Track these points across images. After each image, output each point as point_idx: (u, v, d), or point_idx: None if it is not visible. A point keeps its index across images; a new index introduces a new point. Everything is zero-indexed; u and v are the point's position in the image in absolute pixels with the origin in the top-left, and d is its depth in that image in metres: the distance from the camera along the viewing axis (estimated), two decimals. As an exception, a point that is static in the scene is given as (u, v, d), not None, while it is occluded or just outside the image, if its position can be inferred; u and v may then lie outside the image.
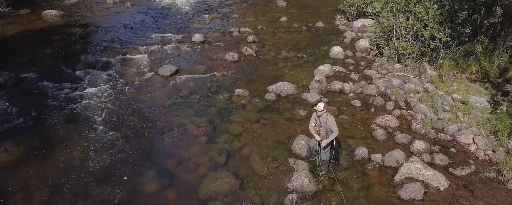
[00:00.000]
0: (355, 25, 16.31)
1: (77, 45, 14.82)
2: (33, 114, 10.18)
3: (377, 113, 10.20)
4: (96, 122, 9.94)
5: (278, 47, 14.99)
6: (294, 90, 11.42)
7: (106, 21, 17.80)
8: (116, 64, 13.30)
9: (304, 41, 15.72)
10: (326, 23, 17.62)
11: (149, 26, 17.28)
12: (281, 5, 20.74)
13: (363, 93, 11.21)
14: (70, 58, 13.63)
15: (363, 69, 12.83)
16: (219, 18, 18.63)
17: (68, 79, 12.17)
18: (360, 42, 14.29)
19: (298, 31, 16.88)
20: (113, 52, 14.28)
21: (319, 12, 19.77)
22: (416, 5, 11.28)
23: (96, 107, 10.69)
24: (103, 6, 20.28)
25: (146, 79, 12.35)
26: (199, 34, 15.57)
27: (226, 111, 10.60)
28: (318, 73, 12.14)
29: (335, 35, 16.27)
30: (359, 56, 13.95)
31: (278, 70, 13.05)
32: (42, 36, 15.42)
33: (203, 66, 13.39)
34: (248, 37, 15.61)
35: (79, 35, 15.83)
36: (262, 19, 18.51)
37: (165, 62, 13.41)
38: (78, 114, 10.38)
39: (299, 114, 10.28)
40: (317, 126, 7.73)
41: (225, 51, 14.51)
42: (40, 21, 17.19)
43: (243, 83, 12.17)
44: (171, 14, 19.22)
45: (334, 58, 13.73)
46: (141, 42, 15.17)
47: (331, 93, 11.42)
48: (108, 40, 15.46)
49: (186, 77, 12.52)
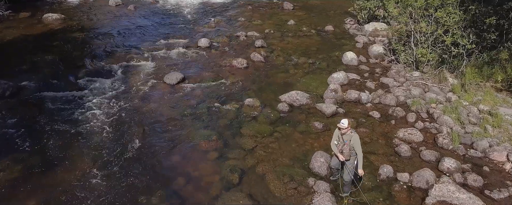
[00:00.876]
0: (366, 29, 15.56)
1: (79, 51, 14.06)
2: (32, 128, 9.43)
3: (398, 125, 9.46)
4: (99, 136, 9.19)
5: (288, 53, 14.24)
6: (308, 100, 10.68)
7: (108, 24, 17.06)
8: (120, 72, 12.56)
9: (314, 45, 14.97)
10: (335, 27, 16.86)
11: (153, 30, 16.54)
12: (287, 8, 20.00)
13: (381, 104, 10.47)
14: (71, 65, 12.89)
15: (378, 76, 12.08)
16: (224, 22, 17.89)
17: (69, 88, 11.42)
18: (373, 48, 13.54)
19: (307, 35, 16.13)
20: (116, 58, 13.54)
21: (328, 15, 19.02)
22: (437, 10, 10.52)
23: (99, 119, 9.94)
24: (105, 9, 19.55)
25: (151, 88, 11.61)
26: (205, 39, 14.83)
27: (237, 122, 9.86)
28: (332, 81, 11.40)
29: (346, 39, 15.52)
30: (373, 62, 13.20)
31: (289, 78, 12.30)
32: (42, 41, 14.69)
33: (211, 73, 12.64)
34: (256, 42, 14.87)
35: (80, 39, 15.10)
36: (269, 23, 17.77)
37: (170, 69, 12.67)
38: (80, 127, 9.62)
39: (315, 126, 9.53)
40: (340, 144, 7.01)
41: (233, 56, 13.77)
42: (40, 25, 16.46)
43: (253, 92, 11.43)
44: (175, 17, 18.49)
45: (347, 65, 12.98)
46: (145, 48, 14.43)
47: (347, 103, 10.67)
48: (111, 45, 14.72)
49: (193, 86, 11.78)
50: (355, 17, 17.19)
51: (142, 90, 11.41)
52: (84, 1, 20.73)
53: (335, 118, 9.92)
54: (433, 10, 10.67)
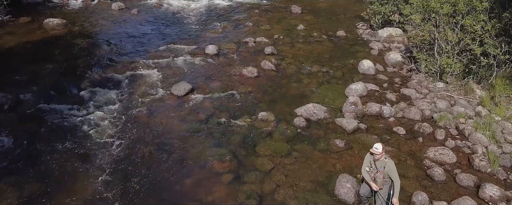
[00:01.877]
0: (380, 34, 14.70)
1: (81, 59, 13.23)
2: (30, 146, 8.63)
3: (426, 143, 8.62)
4: (103, 156, 8.37)
5: (299, 60, 13.40)
6: (326, 113, 9.84)
7: (111, 30, 16.21)
8: (125, 82, 11.73)
9: (326, 52, 14.12)
10: (347, 32, 16.01)
11: (158, 36, 15.70)
12: (296, 12, 19.13)
13: (405, 118, 9.63)
14: (73, 74, 12.07)
15: (399, 87, 11.24)
16: (231, 27, 17.03)
17: (71, 100, 10.61)
18: (390, 55, 12.69)
19: (319, 41, 15.28)
20: (120, 67, 12.71)
21: (338, 19, 18.15)
22: (464, 17, 9.67)
23: (103, 136, 9.11)
24: (108, 13, 18.69)
25: (158, 100, 10.78)
26: (212, 46, 13.98)
27: (251, 139, 9.03)
28: (351, 93, 10.56)
29: (359, 45, 14.67)
30: (391, 71, 12.36)
31: (303, 88, 11.46)
32: (43, 48, 13.85)
33: (220, 83, 11.80)
34: (266, 49, 14.02)
35: (83, 47, 14.26)
36: (278, 28, 16.92)
37: (178, 79, 11.84)
38: (82, 145, 8.80)
39: (336, 144, 8.70)
40: (373, 171, 6.19)
41: (242, 65, 12.92)
42: (41, 31, 15.61)
43: (266, 104, 10.60)
44: (181, 22, 17.64)
45: (364, 74, 12.14)
46: (151, 55, 13.60)
47: (367, 117, 9.84)
48: (115, 52, 13.88)
49: (202, 97, 10.94)
50: (368, 21, 16.33)
51: (148, 103, 10.57)
52: (86, 5, 19.88)
53: (357, 134, 9.10)
54: (460, 18, 9.81)
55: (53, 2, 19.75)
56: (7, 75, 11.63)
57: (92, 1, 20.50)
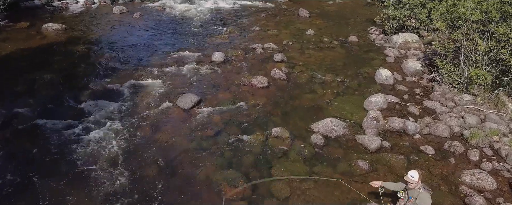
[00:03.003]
0: (395, 40, 13.79)
1: (81, 67, 12.32)
2: (26, 167, 7.75)
3: (459, 165, 7.73)
4: (104, 179, 7.50)
5: (311, 68, 12.49)
6: (345, 129, 8.95)
7: (113, 35, 15.32)
8: (127, 93, 10.83)
9: (339, 59, 13.22)
10: (359, 37, 15.10)
11: (161, 42, 14.79)
12: (304, 15, 18.22)
13: (432, 135, 8.73)
14: (73, 85, 11.18)
15: (421, 99, 10.34)
16: (238, 32, 16.12)
17: (70, 114, 9.70)
18: (409, 64, 11.78)
19: (330, 47, 14.37)
20: (122, 76, 11.81)
21: (348, 23, 17.24)
22: (497, 25, 8.76)
23: (104, 156, 8.23)
24: (109, 17, 17.79)
25: (163, 114, 9.89)
26: (219, 53, 13.07)
27: (264, 160, 8.14)
28: (370, 106, 9.67)
29: (373, 52, 13.76)
30: (410, 80, 11.45)
31: (318, 100, 10.57)
32: (41, 56, 12.96)
33: (228, 94, 10.91)
34: (275, 56, 13.12)
35: (83, 54, 13.36)
36: (286, 33, 16.01)
37: (184, 90, 10.96)
38: (82, 166, 7.93)
39: (359, 166, 7.81)
40: (404, 198, 5.38)
41: (251, 73, 12.03)
42: (39, 37, 14.71)
43: (278, 118, 9.71)
44: (184, 27, 16.72)
45: (381, 84, 11.24)
46: (154, 63, 12.70)
47: (390, 134, 8.94)
48: (117, 60, 12.97)
49: (210, 110, 10.05)
50: (380, 26, 15.42)
51: (152, 117, 9.68)
52: (87, 8, 18.97)
53: (380, 154, 8.20)
54: (493, 25, 8.90)
55: (53, 6, 18.85)
56: (2, 86, 10.74)
57: (93, 4, 19.60)
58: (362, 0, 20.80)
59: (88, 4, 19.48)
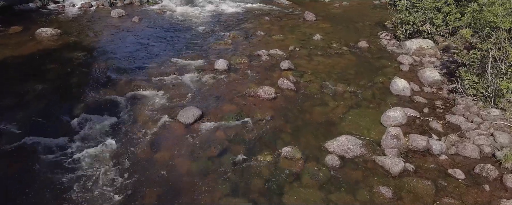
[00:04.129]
0: (408, 46, 12.89)
1: (76, 77, 11.43)
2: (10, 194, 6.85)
3: (495, 193, 6.85)
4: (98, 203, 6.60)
5: (321, 77, 11.60)
6: (363, 149, 8.07)
7: (111, 41, 14.41)
8: (124, 106, 9.95)
9: (350, 67, 12.32)
10: (370, 43, 14.20)
11: (161, 48, 13.89)
12: (310, 19, 17.32)
13: (460, 155, 7.85)
14: (66, 96, 10.30)
15: (442, 113, 9.45)
16: (241, 36, 15.21)
17: (62, 131, 8.82)
18: (426, 73, 10.88)
19: (339, 53, 13.48)
20: (119, 86, 10.93)
21: (356, 27, 16.34)
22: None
23: (98, 177, 7.36)
24: (107, 21, 16.89)
25: (163, 129, 9.01)
26: (222, 61, 12.18)
27: (275, 184, 7.28)
28: (388, 121, 8.78)
29: (386, 59, 12.86)
30: (429, 91, 10.56)
31: (330, 114, 9.68)
32: (33, 64, 12.07)
33: (233, 106, 10.03)
34: (282, 63, 12.23)
35: (78, 62, 12.45)
36: (292, 37, 15.11)
37: (185, 102, 10.09)
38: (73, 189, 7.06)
39: (381, 193, 6.94)
40: None
41: (257, 83, 11.16)
42: (32, 43, 13.80)
43: (288, 135, 8.83)
44: (185, 31, 15.83)
45: (398, 95, 10.35)
46: (154, 71, 11.81)
47: (413, 154, 8.05)
48: (114, 68, 12.07)
49: (213, 125, 9.17)
50: (391, 30, 14.52)
51: (151, 134, 8.80)
52: (84, 12, 18.08)
53: (404, 178, 7.33)
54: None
55: (48, 9, 17.97)
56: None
57: (90, 7, 18.71)
58: (370, 3, 19.92)
59: (86, 7, 18.60)
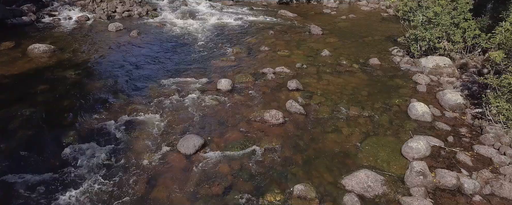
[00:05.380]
0: (424, 64, 12.04)
1: (68, 99, 10.56)
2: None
3: (542, 246, 5.92)
4: None
5: (331, 99, 10.74)
6: (384, 187, 7.17)
7: (107, 58, 13.58)
8: (119, 133, 9.06)
9: (362, 87, 11.46)
10: (381, 59, 13.37)
11: (160, 65, 13.05)
12: (316, 33, 16.52)
13: (496, 196, 6.95)
14: (55, 123, 9.41)
15: (469, 142, 8.56)
16: (244, 52, 14.40)
17: (49, 165, 7.92)
18: (447, 95, 10.01)
19: (349, 71, 12.63)
20: (115, 110, 10.06)
21: (365, 42, 15.52)
22: None
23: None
24: (104, 35, 16.10)
25: (161, 161, 8.13)
26: (225, 80, 11.33)
27: (289, 232, 6.33)
28: (411, 153, 7.89)
29: (400, 78, 12.00)
30: (451, 116, 9.67)
31: (344, 142, 8.79)
32: (21, 85, 11.21)
33: (238, 133, 9.16)
34: (289, 83, 11.38)
35: (71, 81, 11.60)
36: (299, 53, 14.29)
37: (185, 128, 9.24)
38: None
39: (411, 244, 5.99)
40: None
41: (263, 106, 10.31)
42: (23, 61, 12.97)
43: (300, 169, 7.93)
44: (186, 47, 15.01)
45: (417, 120, 9.47)
46: (152, 92, 10.96)
47: (441, 193, 7.14)
48: (109, 89, 11.22)
49: (216, 156, 8.29)
50: (402, 46, 13.69)
51: (148, 167, 7.91)
52: (80, 25, 17.31)
53: (435, 225, 6.40)
54: None
55: (43, 23, 17.20)
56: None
57: (87, 20, 17.94)
58: (377, 15, 19.16)
59: (82, 20, 17.84)
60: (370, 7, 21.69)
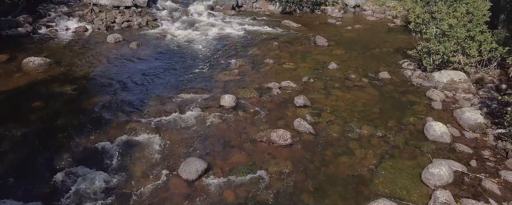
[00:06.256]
0: (437, 79, 11.46)
1: (63, 117, 9.97)
2: None
3: None
4: None
5: (342, 117, 10.14)
6: (406, 220, 6.52)
7: (105, 72, 13.01)
8: (116, 156, 8.45)
9: (373, 104, 10.86)
10: (391, 73, 12.79)
11: (160, 80, 12.47)
12: (322, 44, 15.99)
13: (530, 231, 6.31)
14: (48, 145, 8.83)
15: (495, 167, 7.94)
16: (248, 65, 13.83)
17: (40, 192, 7.34)
18: (466, 114, 9.40)
19: (359, 86, 12.04)
20: (112, 129, 9.47)
21: (373, 54, 14.97)
22: None
23: None
24: (102, 47, 15.56)
25: (162, 187, 7.53)
26: (229, 96, 10.74)
27: None
28: (432, 179, 7.29)
29: (412, 94, 11.41)
30: (471, 137, 9.06)
31: (358, 167, 8.17)
32: (13, 102, 10.65)
33: (243, 156, 8.55)
34: (296, 99, 10.80)
35: (66, 97, 11.03)
36: (304, 66, 13.72)
37: (187, 150, 8.64)
38: None
39: None
40: None
41: (269, 124, 9.71)
42: (17, 75, 12.41)
43: (311, 196, 7.33)
44: (187, 59, 14.45)
45: (435, 141, 8.85)
46: (152, 110, 10.36)
47: (469, 226, 6.50)
48: (107, 106, 10.63)
49: (221, 182, 7.68)
50: (412, 58, 13.12)
51: (147, 194, 7.31)
52: (78, 37, 16.78)
53: None
54: None
55: (39, 34, 16.69)
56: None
57: (85, 31, 17.43)
58: (384, 25, 18.65)
59: (80, 31, 17.33)
60: (376, 17, 21.19)
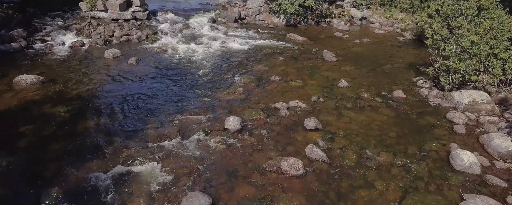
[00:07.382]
0: (457, 99, 10.68)
1: (54, 144, 9.17)
2: None
3: None
4: None
5: (356, 142, 9.34)
6: None
7: (101, 91, 12.26)
8: (111, 189, 7.64)
9: (389, 126, 10.07)
10: (406, 92, 12.01)
11: (160, 100, 11.70)
12: (330, 59, 15.26)
13: None
14: (36, 177, 8.04)
15: (533, 204, 7.10)
16: (253, 82, 13.06)
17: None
18: (495, 140, 8.60)
19: (373, 106, 11.25)
20: (108, 157, 8.69)
21: (385, 70, 14.21)
22: None
23: None
24: (100, 63, 14.84)
25: (159, 230, 6.63)
26: (234, 118, 9.96)
27: None
28: (466, 221, 6.40)
29: (431, 115, 10.61)
30: (503, 167, 8.24)
31: (380, 202, 7.33)
32: (2, 125, 9.87)
33: (251, 188, 7.74)
34: (306, 122, 10.01)
35: (59, 120, 10.25)
36: (313, 84, 12.96)
37: (188, 181, 7.86)
38: None
39: None
40: None
41: (279, 151, 8.91)
42: (9, 95, 11.66)
43: (330, 239, 6.44)
44: (189, 76, 13.70)
45: (463, 173, 8.03)
46: (151, 133, 9.60)
47: None
48: (102, 130, 9.86)
49: (227, 221, 6.81)
50: (428, 76, 12.35)
51: (143, 239, 6.44)
52: (74, 52, 16.08)
53: None
54: None
55: (34, 49, 15.99)
56: None
57: (82, 46, 16.73)
58: (393, 39, 17.94)
59: (77, 46, 16.64)
60: (384, 30, 20.50)
